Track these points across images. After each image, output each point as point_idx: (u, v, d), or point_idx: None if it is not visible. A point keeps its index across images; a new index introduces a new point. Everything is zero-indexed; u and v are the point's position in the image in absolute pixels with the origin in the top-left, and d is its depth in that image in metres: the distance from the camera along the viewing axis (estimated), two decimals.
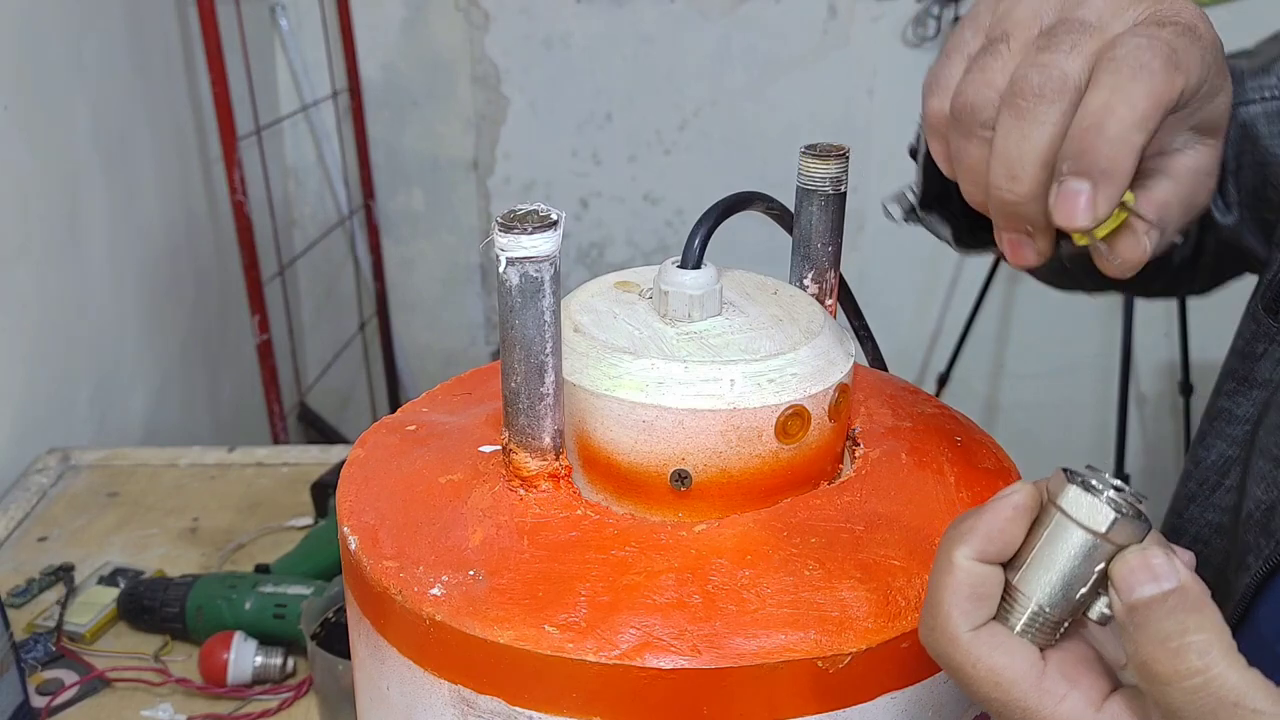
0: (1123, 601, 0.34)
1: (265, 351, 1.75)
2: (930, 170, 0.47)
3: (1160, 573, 0.34)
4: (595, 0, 2.18)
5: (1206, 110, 0.43)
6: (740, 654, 0.37)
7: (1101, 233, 0.41)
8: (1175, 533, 0.62)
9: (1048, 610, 0.35)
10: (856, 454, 0.48)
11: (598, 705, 0.37)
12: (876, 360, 0.58)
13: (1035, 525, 0.36)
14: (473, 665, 0.39)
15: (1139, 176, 0.41)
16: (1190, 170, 0.44)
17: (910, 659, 0.39)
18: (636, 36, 2.21)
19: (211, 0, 1.57)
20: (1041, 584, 0.35)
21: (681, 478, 0.43)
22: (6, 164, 1.23)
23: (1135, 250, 0.42)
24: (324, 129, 2.21)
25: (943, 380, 2.35)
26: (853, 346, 0.48)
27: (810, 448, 0.44)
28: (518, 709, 0.38)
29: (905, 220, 0.52)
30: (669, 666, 0.37)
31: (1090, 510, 0.35)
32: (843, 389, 0.45)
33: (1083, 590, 0.35)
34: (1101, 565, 0.35)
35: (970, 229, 0.52)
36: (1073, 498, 0.35)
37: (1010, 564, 0.36)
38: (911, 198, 0.51)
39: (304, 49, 2.15)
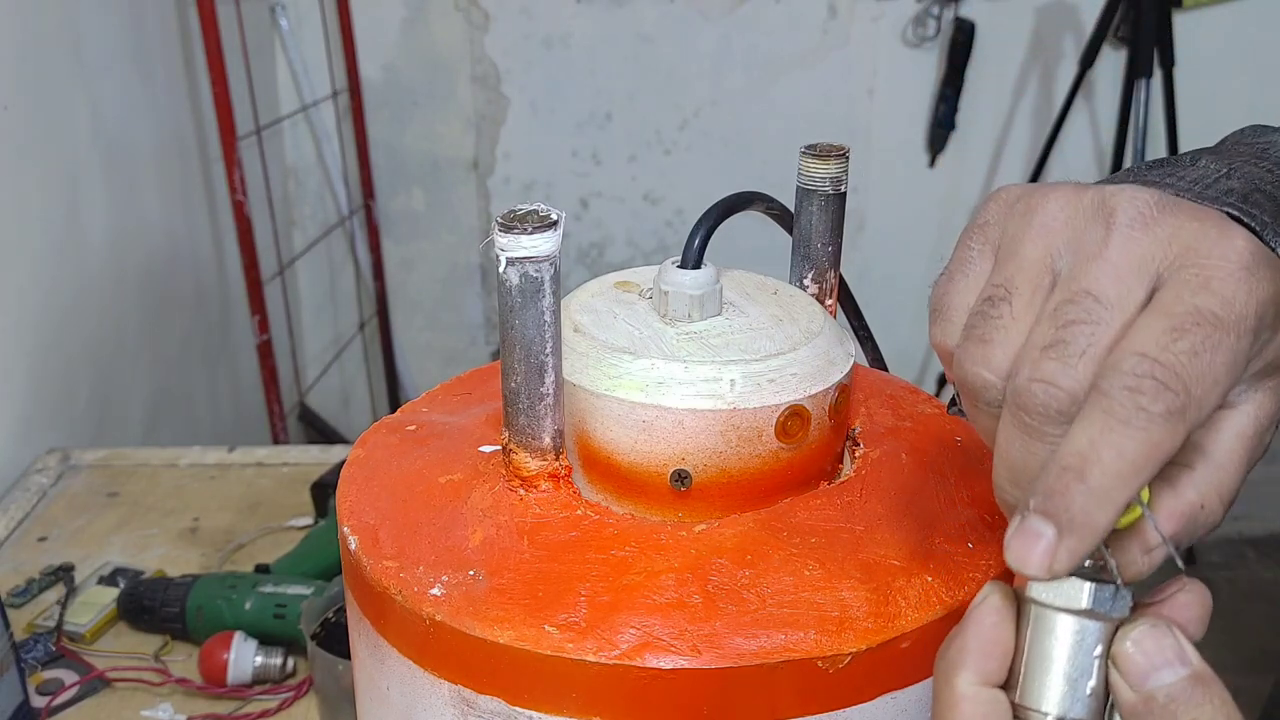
0: (1135, 692, 0.31)
1: (265, 351, 1.75)
2: None
3: (1173, 655, 0.31)
4: (595, 0, 2.18)
5: (1263, 358, 0.34)
6: (740, 654, 0.37)
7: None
8: None
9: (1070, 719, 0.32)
10: (856, 454, 0.48)
11: (598, 705, 0.37)
12: (876, 360, 0.58)
13: (1017, 631, 0.33)
14: (473, 665, 0.39)
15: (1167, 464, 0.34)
16: (1238, 437, 0.36)
17: (910, 659, 0.39)
18: (636, 36, 2.21)
19: (211, 0, 1.57)
20: (1047, 692, 0.32)
21: (681, 478, 0.43)
22: (6, 164, 1.23)
23: (1131, 569, 0.35)
24: (324, 129, 2.21)
25: (943, 380, 2.35)
26: (853, 346, 0.48)
27: (810, 448, 0.44)
28: (518, 709, 0.38)
29: (950, 410, 0.49)
30: (669, 666, 0.37)
31: (1061, 589, 0.32)
32: (843, 389, 0.45)
33: (1091, 683, 0.32)
34: (1099, 649, 0.32)
35: None
36: (1039, 582, 0.31)
37: (1006, 686, 0.33)
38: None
39: (304, 49, 2.15)
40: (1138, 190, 0.34)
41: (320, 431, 2.15)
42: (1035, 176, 2.13)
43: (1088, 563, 0.32)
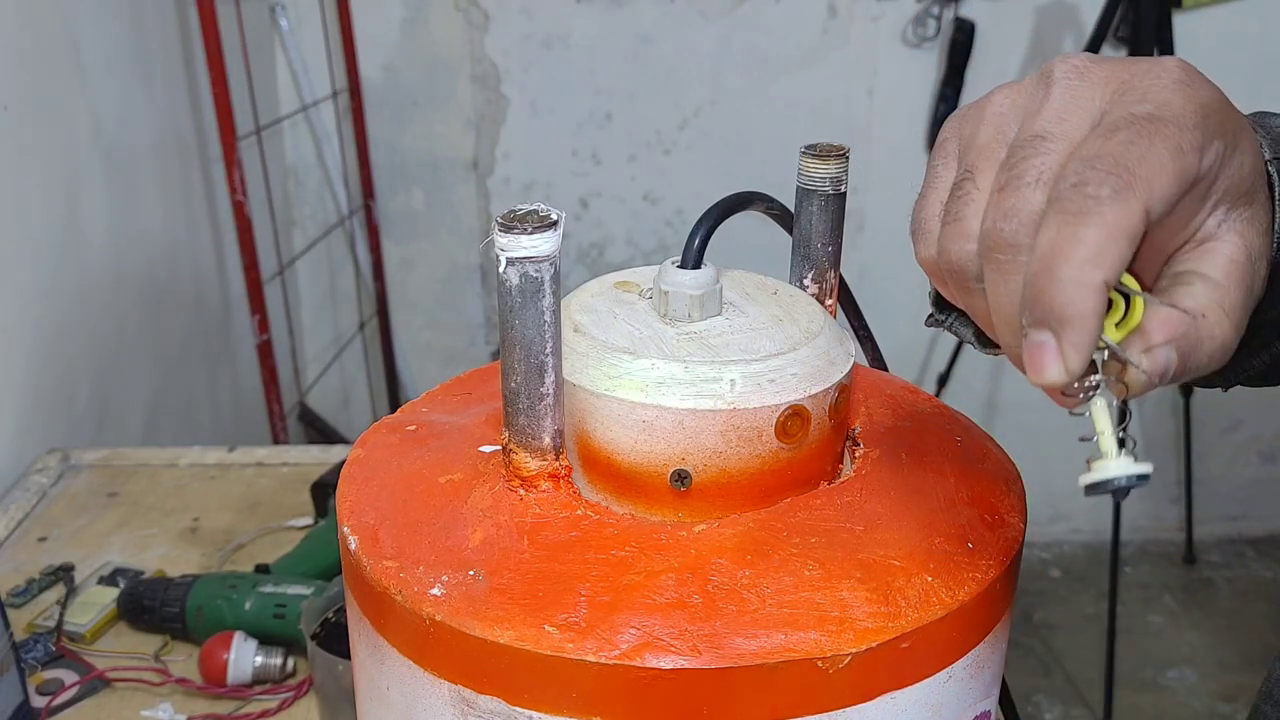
0: None
1: (265, 351, 1.75)
2: None
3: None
4: (595, 0, 2.18)
5: (1226, 177, 0.37)
6: (740, 654, 0.37)
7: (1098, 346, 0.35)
8: (1259, 716, 0.59)
9: None
10: (856, 454, 0.48)
11: (597, 705, 0.38)
12: (876, 360, 0.58)
13: None
14: (472, 665, 0.39)
15: (1163, 284, 0.37)
16: (1231, 261, 0.37)
17: (910, 659, 0.39)
18: (636, 36, 2.21)
19: (211, 0, 1.58)
20: None
21: (681, 478, 0.43)
22: (6, 164, 1.23)
23: (1134, 375, 0.35)
24: (324, 129, 2.21)
25: (943, 380, 2.35)
26: (853, 346, 0.48)
27: (810, 448, 0.44)
28: (517, 709, 0.38)
29: (928, 324, 0.50)
30: (669, 666, 0.37)
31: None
32: (843, 389, 0.45)
33: None
34: None
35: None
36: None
37: None
38: (931, 305, 0.49)
39: (304, 49, 2.15)
40: (1073, 54, 0.38)
41: (320, 431, 2.15)
42: None
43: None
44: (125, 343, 1.53)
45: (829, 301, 0.52)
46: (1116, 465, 0.35)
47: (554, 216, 0.39)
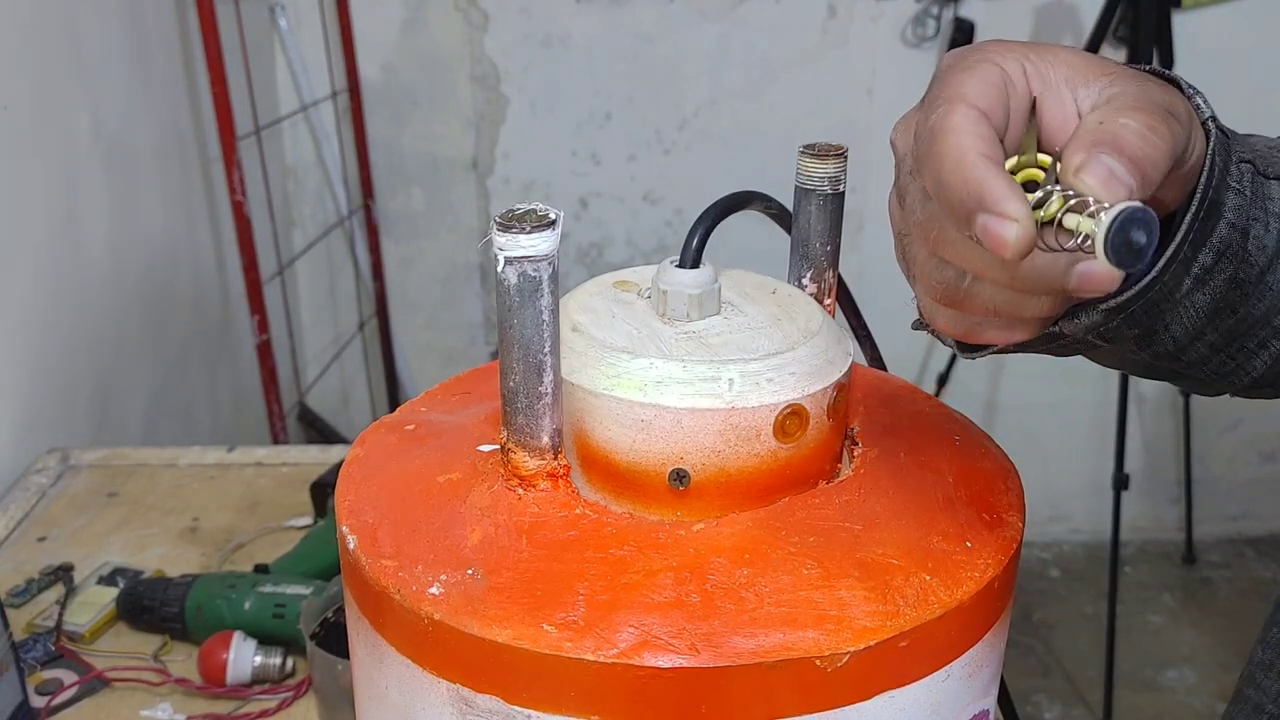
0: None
1: (265, 351, 1.75)
2: None
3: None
4: (595, 0, 2.18)
5: (1055, 69, 0.41)
6: (738, 653, 0.37)
7: (1049, 213, 0.36)
8: (1240, 699, 0.60)
9: None
10: (855, 453, 0.48)
11: (596, 704, 0.38)
12: (875, 360, 0.58)
13: None
14: (471, 664, 0.39)
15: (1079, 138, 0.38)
16: (1112, 96, 0.40)
17: (908, 658, 0.39)
18: (636, 36, 2.21)
19: (211, 0, 1.58)
20: None
21: (680, 477, 0.43)
22: (6, 164, 1.23)
23: (1110, 178, 0.36)
24: (323, 129, 2.21)
25: (942, 380, 2.35)
26: (851, 346, 0.48)
27: (809, 447, 0.44)
28: (516, 708, 0.38)
29: (914, 328, 0.51)
30: (667, 665, 0.37)
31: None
32: (841, 388, 0.45)
33: None
34: None
35: None
36: None
37: None
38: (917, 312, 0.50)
39: (303, 49, 2.15)
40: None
41: (320, 431, 2.15)
42: None
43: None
44: (125, 343, 1.53)
45: (827, 301, 0.52)
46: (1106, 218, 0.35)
47: (552, 216, 0.39)
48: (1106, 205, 0.35)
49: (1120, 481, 2.04)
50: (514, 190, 2.32)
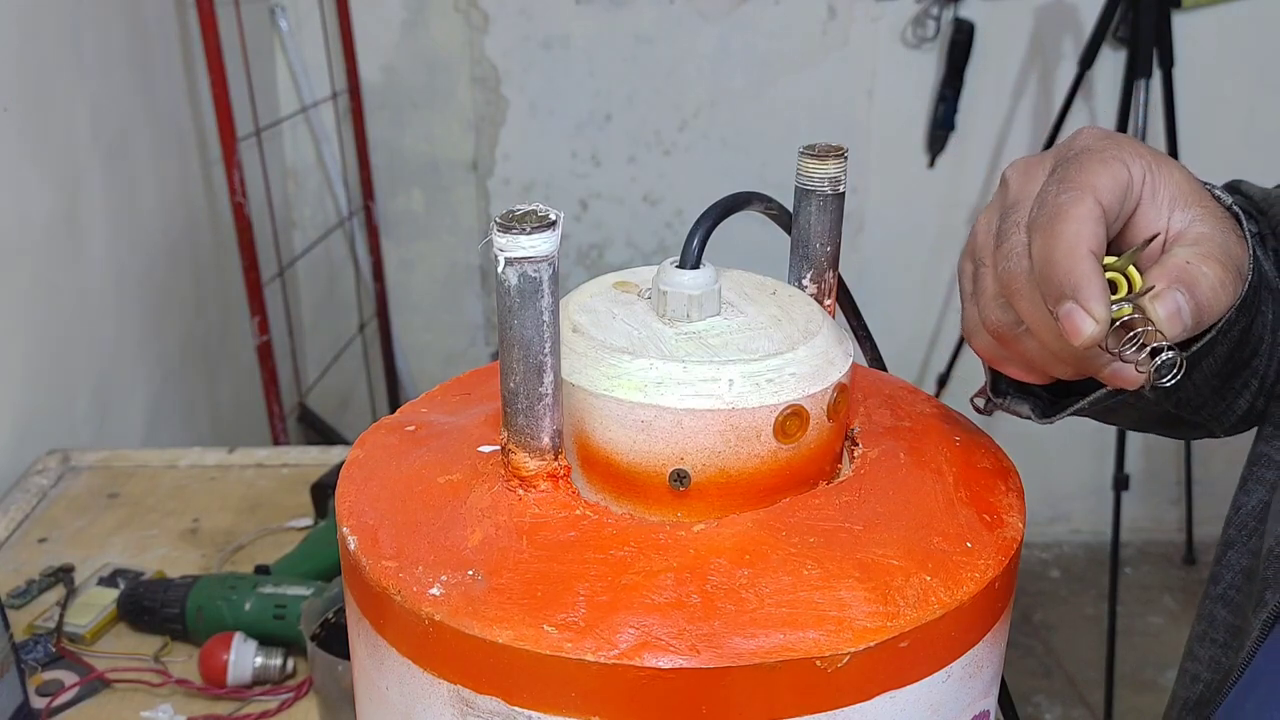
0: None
1: (265, 353, 1.75)
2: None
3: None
4: (595, 1, 2.18)
5: (1167, 184, 0.46)
6: (739, 653, 0.37)
7: (1123, 312, 0.43)
8: (1215, 580, 0.65)
9: None
10: (855, 454, 0.48)
11: (596, 705, 0.38)
12: (875, 360, 0.58)
13: None
14: (472, 665, 0.39)
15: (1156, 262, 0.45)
16: (1198, 234, 0.46)
17: (909, 658, 0.39)
18: (636, 37, 2.21)
19: (211, 1, 1.58)
20: None
21: (680, 478, 0.43)
22: (6, 164, 1.23)
23: (1175, 316, 0.43)
24: (324, 130, 2.21)
25: (943, 380, 2.35)
26: (851, 346, 0.48)
27: (809, 447, 0.44)
28: (517, 709, 0.38)
29: (986, 410, 0.56)
30: (667, 666, 0.37)
31: None
32: (841, 389, 0.45)
33: None
34: None
35: (1050, 400, 0.55)
36: None
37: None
38: (984, 398, 0.55)
39: (304, 50, 2.15)
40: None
41: (320, 432, 2.15)
42: None
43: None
44: (125, 343, 1.53)
45: (828, 301, 0.52)
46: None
47: (552, 216, 0.39)
48: (1163, 340, 0.42)
49: (1120, 482, 2.04)
50: (514, 191, 2.32)
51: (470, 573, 0.40)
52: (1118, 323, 0.42)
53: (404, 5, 2.19)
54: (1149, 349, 0.42)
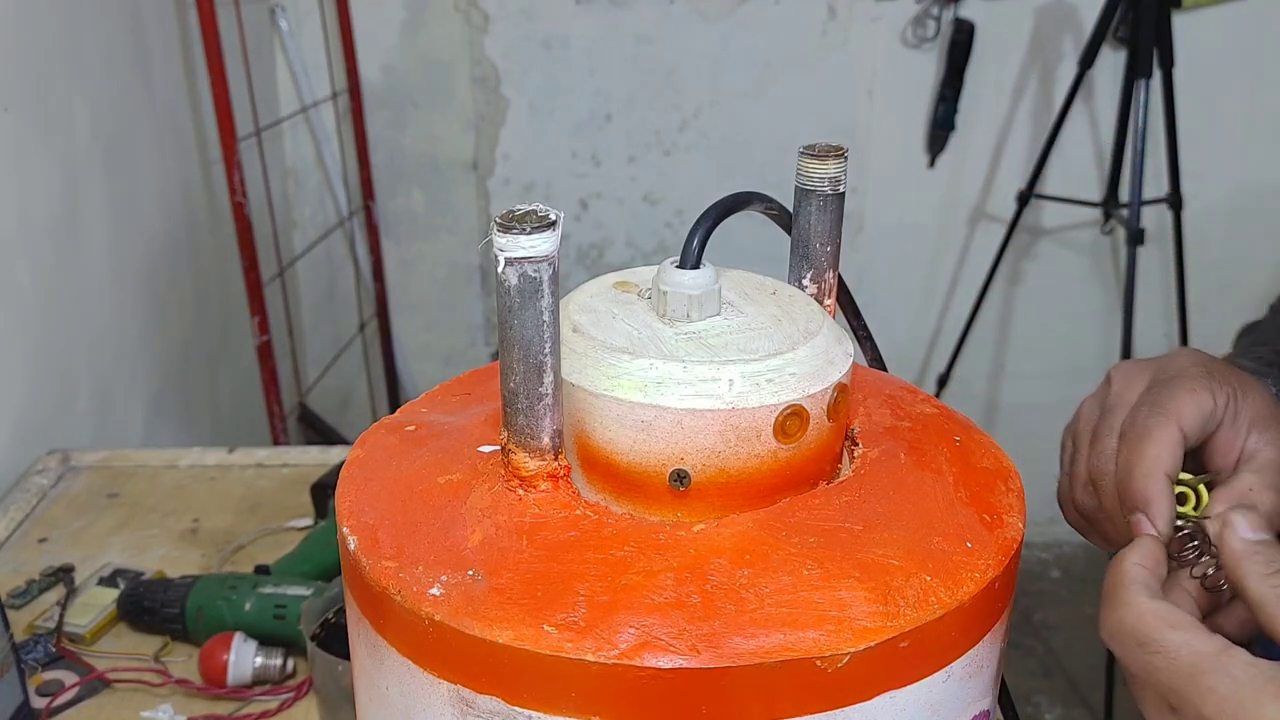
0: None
1: (265, 352, 1.75)
2: None
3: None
4: (595, 1, 2.18)
5: (1247, 409, 0.54)
6: (739, 653, 0.37)
7: (1186, 525, 0.51)
8: None
9: None
10: (855, 454, 0.48)
11: (596, 705, 0.38)
12: (875, 361, 0.58)
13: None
14: (472, 665, 0.39)
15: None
16: (1268, 460, 0.53)
17: (909, 658, 0.39)
18: (636, 37, 2.21)
19: (211, 1, 1.58)
20: None
21: (680, 477, 0.43)
22: (6, 164, 1.23)
23: (1233, 541, 0.47)
24: (324, 130, 2.21)
25: (943, 381, 2.35)
26: (851, 346, 0.48)
27: (809, 447, 0.44)
28: (517, 709, 0.38)
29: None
30: (668, 666, 0.37)
31: None
32: (841, 389, 0.45)
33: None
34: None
35: None
36: None
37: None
38: None
39: (304, 50, 2.15)
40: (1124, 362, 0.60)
41: (320, 432, 2.15)
42: (1035, 177, 2.13)
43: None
44: (125, 343, 1.53)
45: (828, 301, 0.52)
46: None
47: (552, 216, 0.39)
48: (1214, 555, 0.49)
49: None
50: (514, 191, 2.32)
51: (470, 573, 0.40)
52: (1181, 533, 0.49)
53: (404, 5, 2.19)
54: (1203, 560, 0.49)
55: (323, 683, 0.81)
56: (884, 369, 0.58)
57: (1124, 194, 2.04)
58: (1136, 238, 1.94)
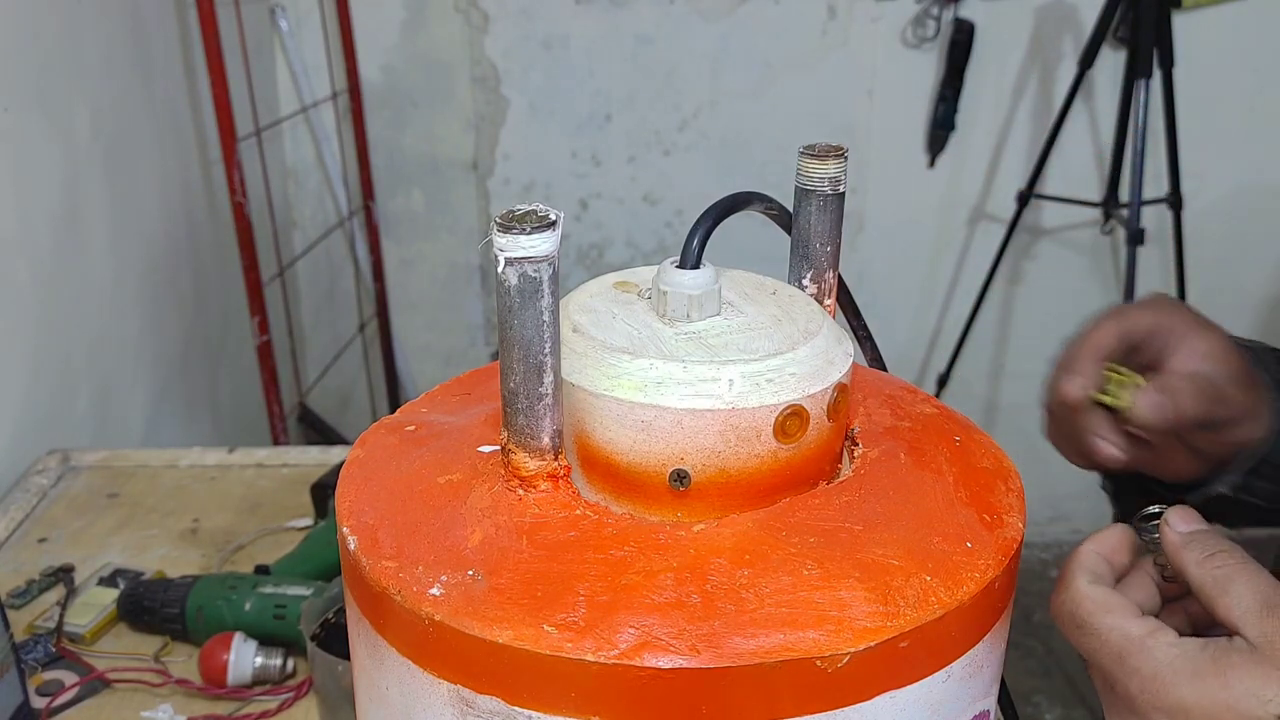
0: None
1: (265, 352, 1.75)
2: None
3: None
4: (595, 1, 2.18)
5: (1199, 343, 0.59)
6: (739, 653, 0.37)
7: (1112, 399, 0.58)
8: None
9: None
10: (855, 454, 0.48)
11: (596, 705, 0.38)
12: (875, 360, 0.58)
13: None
14: (472, 665, 0.39)
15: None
16: (1200, 373, 0.58)
17: (909, 658, 0.39)
18: (636, 37, 2.21)
19: (211, 1, 1.58)
20: None
21: (680, 477, 0.43)
22: (6, 164, 1.23)
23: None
24: (324, 130, 2.21)
25: (943, 380, 2.35)
26: (851, 346, 0.48)
27: (809, 447, 0.44)
28: (517, 709, 0.38)
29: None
30: (667, 666, 0.37)
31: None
32: (841, 389, 0.45)
33: None
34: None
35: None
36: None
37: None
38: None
39: (304, 50, 2.15)
40: None
41: (320, 432, 2.15)
42: (1035, 177, 2.13)
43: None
44: (125, 343, 1.53)
45: (828, 301, 0.52)
46: None
47: (552, 216, 0.39)
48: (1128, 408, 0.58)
49: None
50: (514, 191, 2.32)
51: (470, 573, 0.40)
52: (1150, 521, 0.50)
53: (404, 5, 2.19)
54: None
55: (323, 683, 0.81)
56: (884, 369, 0.58)
57: (1124, 194, 2.04)
58: (1136, 238, 1.94)
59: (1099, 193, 2.21)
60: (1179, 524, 0.48)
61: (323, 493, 1.11)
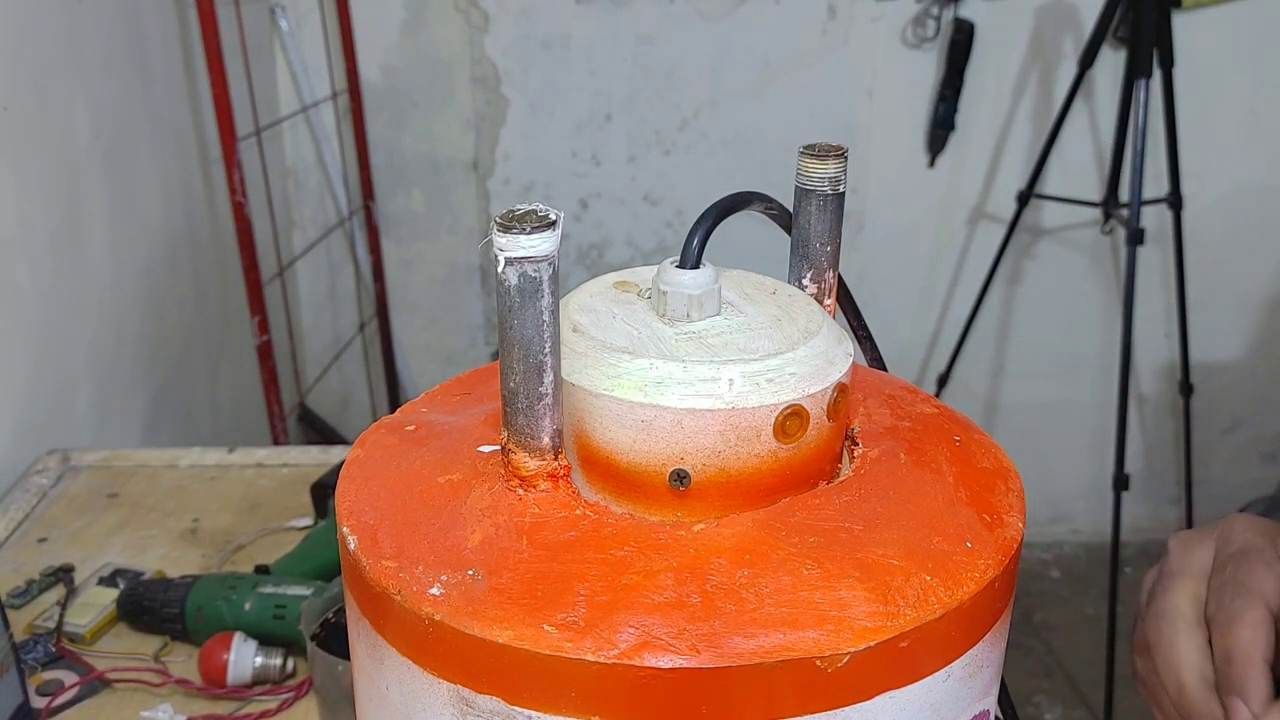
0: None
1: (265, 352, 1.75)
2: None
3: None
4: (595, 1, 2.18)
5: None
6: (739, 653, 0.37)
7: None
8: None
9: None
10: (855, 454, 0.48)
11: (596, 704, 0.38)
12: (875, 360, 0.58)
13: None
14: (471, 665, 0.39)
15: None
16: None
17: (909, 658, 0.39)
18: (636, 37, 2.21)
19: (211, 1, 1.58)
20: None
21: (680, 477, 0.43)
22: (6, 164, 1.23)
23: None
24: (324, 130, 2.21)
25: (943, 380, 2.35)
26: (851, 346, 0.48)
27: (809, 447, 0.44)
28: (516, 708, 0.38)
29: None
30: (667, 666, 0.37)
31: None
32: (841, 388, 0.45)
33: None
34: None
35: None
36: None
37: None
38: None
39: (304, 50, 2.15)
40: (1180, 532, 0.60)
41: (320, 432, 2.15)
42: (1035, 177, 2.13)
43: None
44: (125, 343, 1.53)
45: (828, 301, 0.52)
46: None
47: (552, 216, 0.39)
48: None
49: (1121, 482, 2.04)
50: (514, 191, 2.32)
51: (470, 573, 0.40)
52: None
53: (404, 5, 2.19)
54: None
55: (323, 683, 0.81)
56: (884, 369, 0.58)
57: (1124, 194, 2.04)
58: (1136, 238, 1.94)
59: (1099, 193, 2.21)
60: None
61: (323, 493, 1.11)
